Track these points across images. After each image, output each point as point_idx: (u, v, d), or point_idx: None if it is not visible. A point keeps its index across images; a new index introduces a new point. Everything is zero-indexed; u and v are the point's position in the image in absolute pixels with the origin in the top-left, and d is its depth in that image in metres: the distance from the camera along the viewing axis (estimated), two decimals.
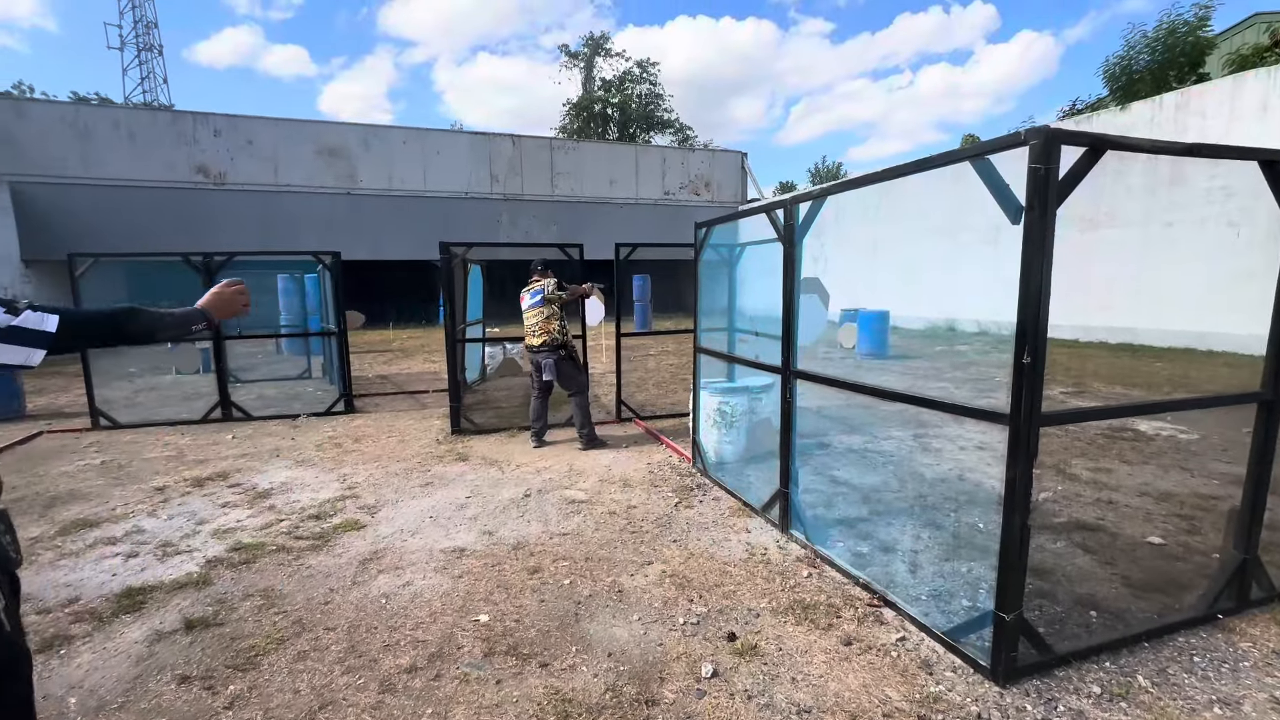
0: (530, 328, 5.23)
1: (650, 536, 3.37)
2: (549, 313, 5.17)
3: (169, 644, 2.40)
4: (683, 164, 24.05)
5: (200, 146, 17.84)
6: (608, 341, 11.75)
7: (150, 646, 2.38)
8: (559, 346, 5.16)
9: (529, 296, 5.31)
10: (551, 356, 5.13)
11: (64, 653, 2.35)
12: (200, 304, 1.56)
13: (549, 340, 5.13)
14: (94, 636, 2.46)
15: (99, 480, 4.48)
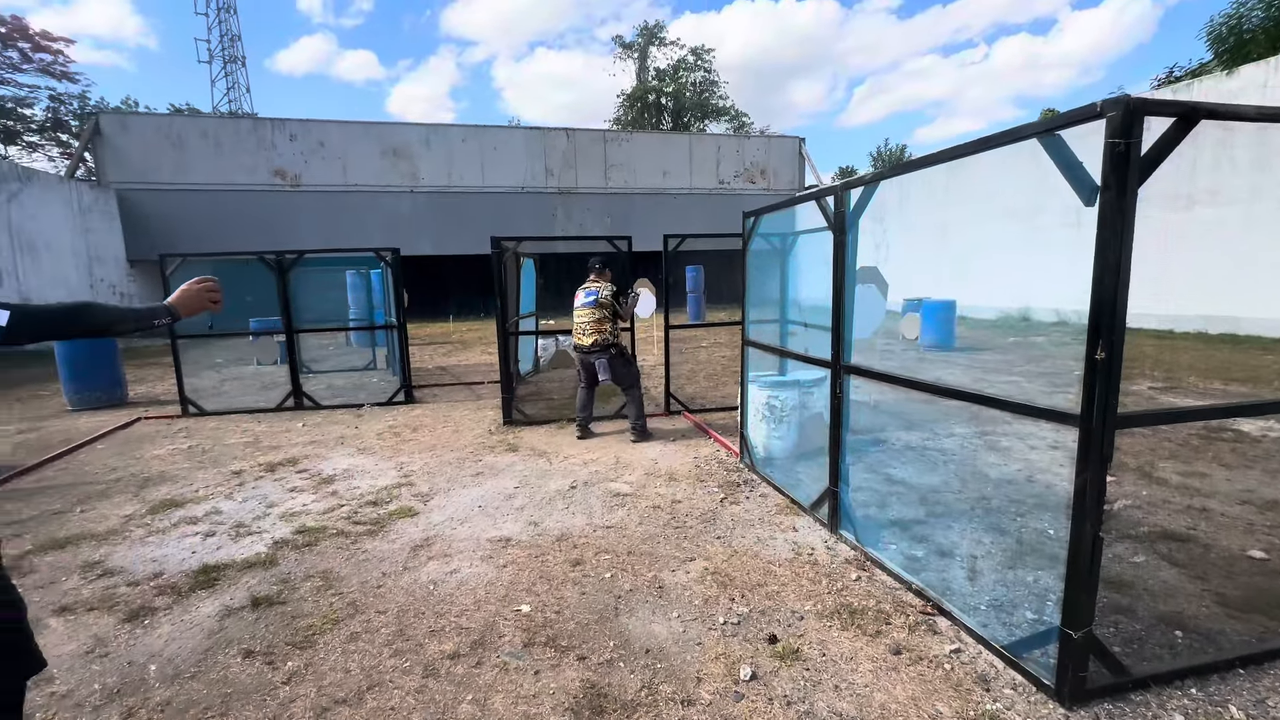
0: (581, 326, 5.28)
1: (694, 532, 3.33)
2: (601, 315, 5.21)
3: (237, 620, 2.57)
4: (738, 151, 23.59)
5: (277, 151, 18.96)
6: (658, 333, 11.72)
7: (220, 621, 2.56)
8: (609, 346, 5.20)
9: (583, 295, 5.35)
10: (604, 356, 5.19)
11: (147, 623, 2.55)
12: (169, 300, 1.60)
13: (600, 340, 5.18)
14: (173, 609, 2.66)
15: (185, 464, 4.85)
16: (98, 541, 3.37)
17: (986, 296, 14.18)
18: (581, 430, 5.41)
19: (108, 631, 2.50)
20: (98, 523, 3.65)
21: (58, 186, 15.69)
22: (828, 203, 3.12)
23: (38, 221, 14.77)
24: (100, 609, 2.67)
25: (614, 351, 5.24)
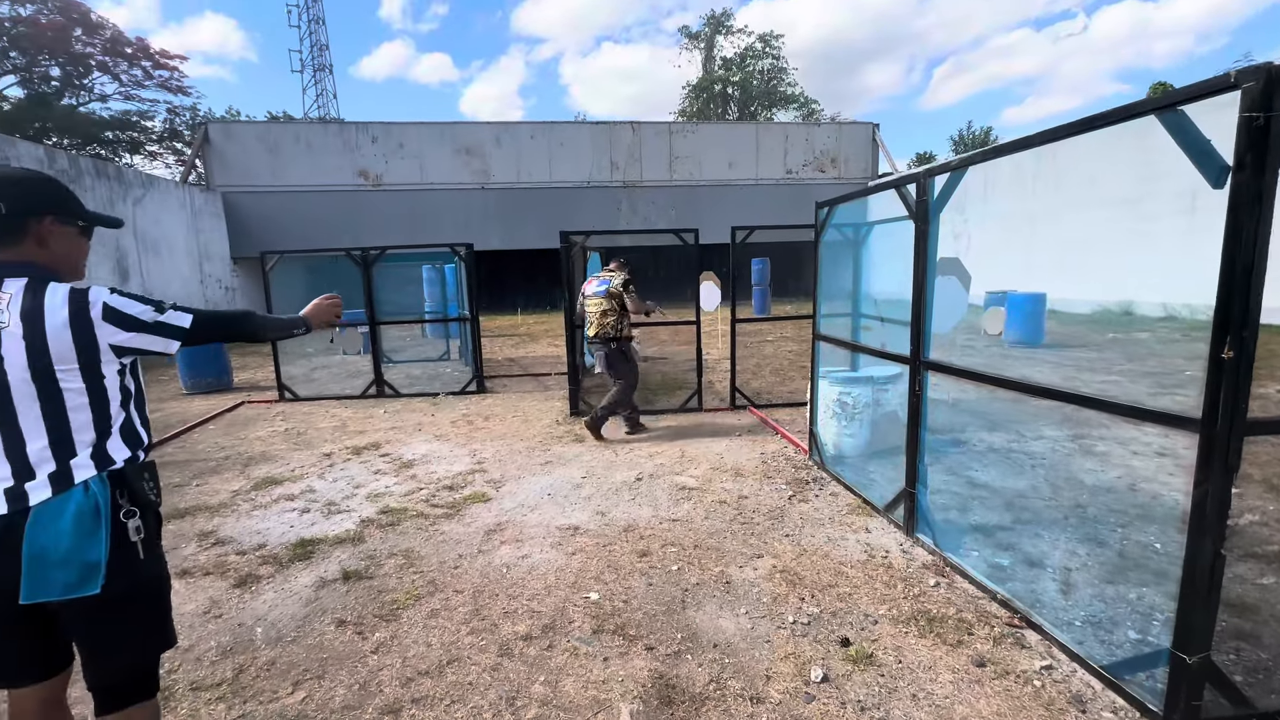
0: (588, 316, 5.24)
1: (761, 529, 3.29)
2: (608, 306, 5.12)
3: (330, 590, 2.76)
4: (806, 140, 22.90)
5: (361, 152, 20.10)
6: (723, 327, 11.60)
7: (316, 591, 2.76)
8: (610, 340, 5.13)
9: (595, 283, 5.26)
10: (603, 349, 5.13)
11: (254, 590, 2.80)
12: (303, 313, 1.82)
13: (601, 333, 5.12)
14: (275, 578, 2.90)
15: (283, 445, 5.26)
16: (211, 513, 3.72)
17: (1081, 289, 13.12)
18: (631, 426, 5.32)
19: (220, 595, 2.75)
20: (210, 496, 4.03)
21: (174, 191, 17.30)
22: (909, 191, 2.97)
23: (159, 224, 16.36)
24: (214, 574, 2.95)
25: (614, 346, 5.15)
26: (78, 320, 1.34)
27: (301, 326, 1.78)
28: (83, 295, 1.37)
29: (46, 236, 1.40)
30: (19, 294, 1.31)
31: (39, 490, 1.30)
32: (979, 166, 2.65)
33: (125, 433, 1.45)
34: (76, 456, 1.35)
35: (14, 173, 1.39)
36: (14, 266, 1.33)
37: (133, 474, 1.43)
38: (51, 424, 1.32)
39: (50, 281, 1.35)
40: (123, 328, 1.40)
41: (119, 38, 24.81)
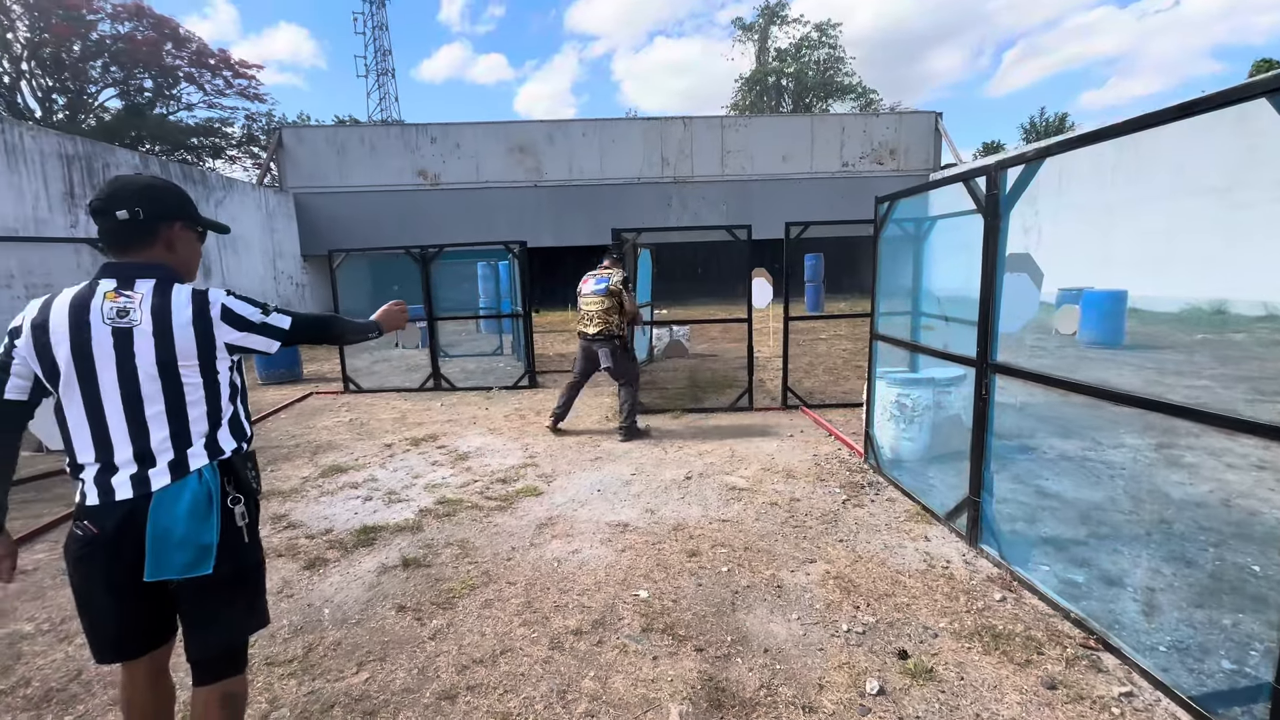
0: (588, 314, 5.16)
1: (814, 533, 3.21)
2: (609, 304, 5.06)
3: (391, 576, 2.88)
4: (864, 131, 22.16)
5: (420, 153, 20.81)
6: (775, 324, 11.40)
7: (378, 577, 2.89)
8: (613, 337, 5.08)
9: (593, 282, 5.19)
10: (607, 346, 5.07)
11: (321, 572, 2.95)
12: (374, 317, 1.92)
13: (605, 330, 5.05)
14: (341, 562, 3.05)
15: (347, 435, 5.52)
16: (283, 498, 3.95)
17: (1166, 286, 12.16)
18: (555, 421, 5.26)
19: (292, 576, 2.92)
20: (283, 482, 4.27)
21: (251, 192, 18.40)
22: (978, 184, 2.82)
23: (237, 223, 17.43)
24: (286, 556, 3.12)
25: (617, 343, 5.11)
26: (200, 320, 1.45)
27: (374, 330, 1.89)
28: (203, 296, 1.48)
29: (175, 241, 1.52)
30: (149, 294, 1.42)
31: (160, 477, 1.41)
32: (1057, 157, 2.49)
33: (233, 425, 1.56)
34: (192, 446, 1.46)
35: (150, 181, 1.50)
36: (144, 268, 1.45)
37: (239, 463, 1.54)
38: (173, 416, 1.44)
39: (175, 283, 1.46)
40: (236, 327, 1.51)
41: (203, 50, 26.56)
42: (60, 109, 25.75)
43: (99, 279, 1.42)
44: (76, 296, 1.40)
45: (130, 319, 1.40)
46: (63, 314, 1.38)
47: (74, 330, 1.37)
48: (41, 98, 24.88)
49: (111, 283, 1.42)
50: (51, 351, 1.37)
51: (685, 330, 9.83)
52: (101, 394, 1.39)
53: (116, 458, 1.40)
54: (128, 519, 1.38)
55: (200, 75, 26.84)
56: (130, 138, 26.04)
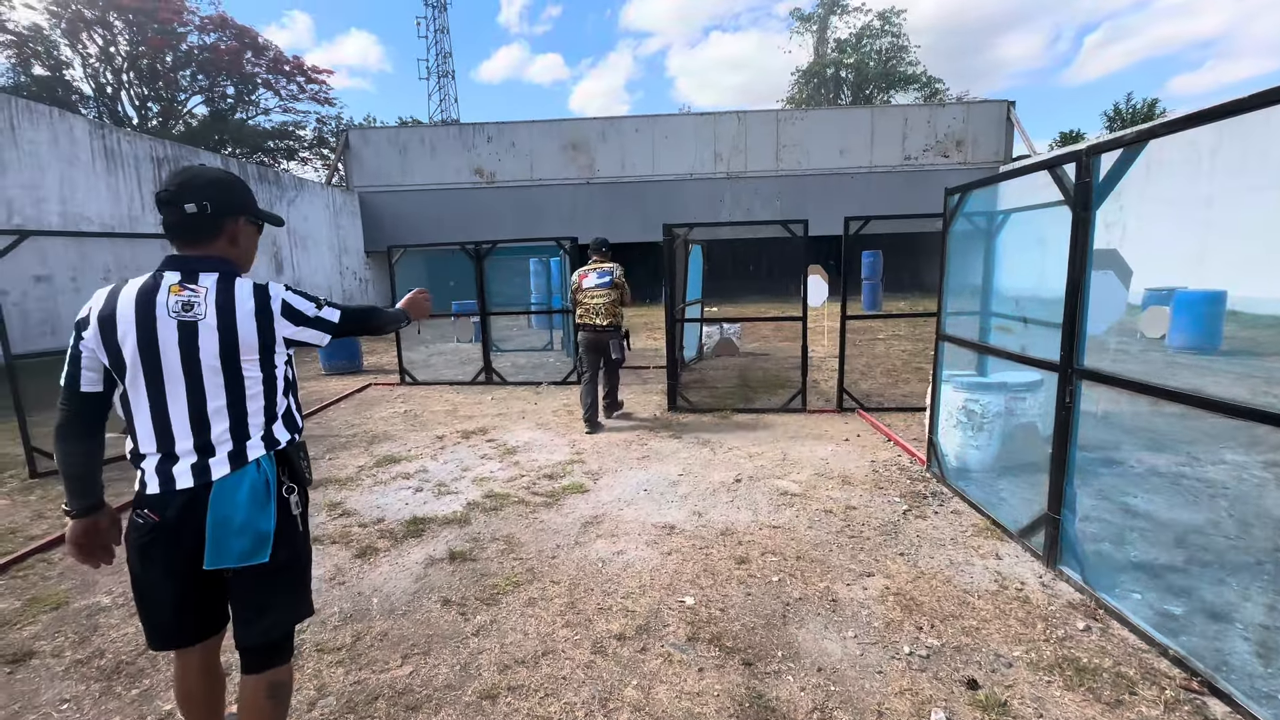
0: (594, 308, 5.23)
1: (872, 544, 3.03)
2: (614, 296, 5.21)
3: (438, 569, 2.90)
4: (928, 122, 21.18)
5: (477, 151, 21.31)
6: (829, 323, 11.03)
7: (425, 569, 2.91)
8: (618, 328, 5.26)
9: (594, 276, 5.25)
10: (615, 337, 5.22)
11: (372, 561, 3.00)
12: (402, 305, 1.96)
13: (614, 322, 5.21)
14: (391, 552, 3.09)
15: (402, 426, 5.66)
16: (339, 486, 4.07)
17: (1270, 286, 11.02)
18: (592, 426, 5.21)
19: (344, 563, 2.98)
20: (340, 470, 4.41)
21: (320, 192, 19.30)
22: (1066, 172, 2.57)
23: (306, 221, 18.33)
24: (340, 543, 3.20)
25: (623, 332, 5.30)
26: (262, 314, 1.47)
27: (404, 318, 1.93)
28: (264, 291, 1.50)
29: (238, 234, 1.54)
30: (213, 288, 1.44)
31: (219, 467, 1.43)
32: (1162, 140, 2.22)
33: (287, 417, 1.57)
34: (250, 438, 1.47)
35: (216, 174, 1.51)
36: (208, 261, 1.46)
37: (293, 454, 1.56)
38: (233, 408, 1.45)
39: (236, 276, 1.48)
40: (294, 322, 1.53)
41: (279, 57, 28.07)
42: (154, 116, 27.78)
43: (163, 271, 1.44)
44: (142, 290, 1.41)
45: (195, 313, 1.42)
46: (129, 307, 1.40)
47: (141, 324, 1.39)
48: (138, 106, 26.91)
49: (176, 276, 1.43)
50: (118, 344, 1.39)
51: (736, 328, 9.63)
52: (166, 386, 1.41)
53: (178, 448, 1.42)
54: (188, 507, 1.40)
55: (276, 81, 28.39)
56: (214, 141, 27.81)
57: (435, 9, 41.16)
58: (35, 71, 24.95)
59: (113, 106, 26.20)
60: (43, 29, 24.00)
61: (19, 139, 10.45)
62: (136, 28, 24.67)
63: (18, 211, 10.36)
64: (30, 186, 10.62)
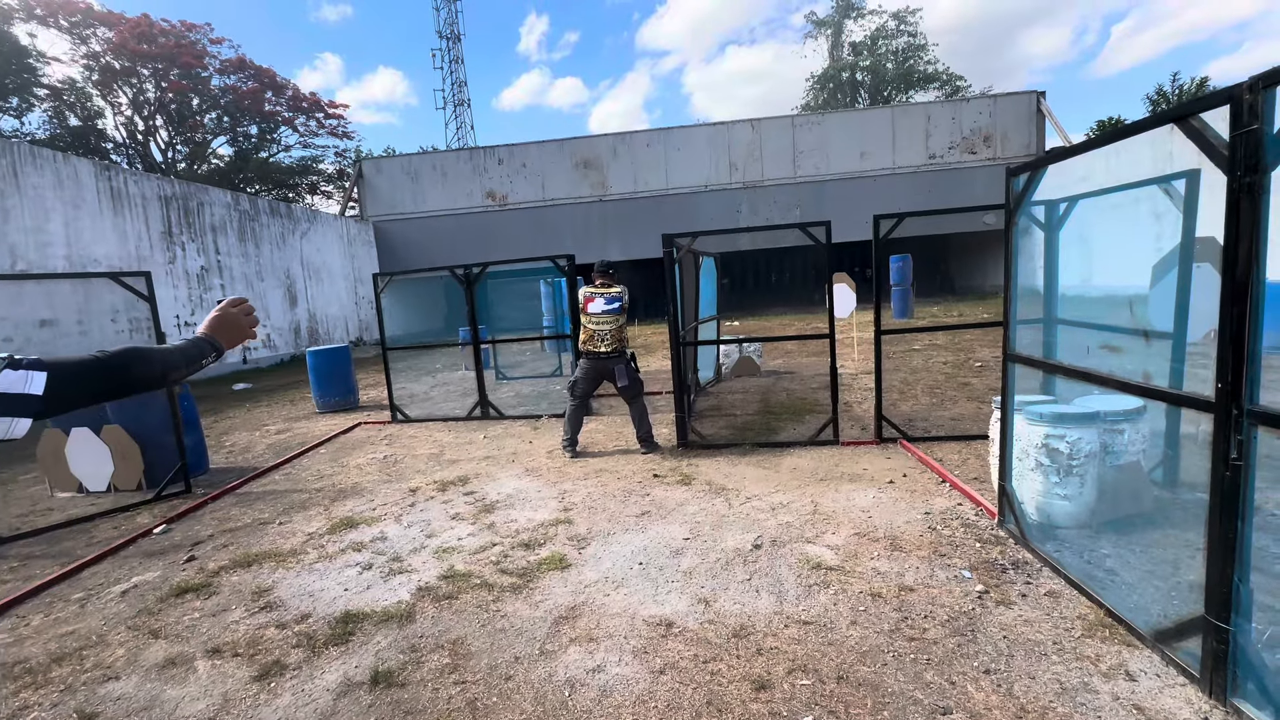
0: (600, 334, 5.01)
1: (942, 654, 2.20)
2: (621, 322, 5.03)
3: (352, 702, 2.17)
4: (953, 119, 20.19)
5: (489, 175, 21.05)
6: (859, 334, 10.14)
7: (335, 701, 2.18)
8: (623, 353, 5.07)
9: (601, 301, 5.03)
10: (620, 363, 5.02)
11: (272, 687, 2.29)
12: (203, 331, 1.25)
13: (619, 347, 5.03)
14: (301, 670, 2.38)
15: (375, 476, 5.01)
16: (276, 563, 3.39)
17: None
18: (573, 450, 5.14)
19: (234, 691, 2.27)
20: (285, 539, 3.74)
21: (333, 223, 19.21)
22: (1207, 123, 1.77)
23: (321, 252, 18.20)
24: (243, 656, 2.50)
25: (629, 356, 5.11)
26: None
27: (210, 353, 1.23)
28: None
29: None
30: None
31: None
32: None
33: None
34: None
35: None
36: None
37: None
38: None
39: None
40: None
41: (297, 94, 28.57)
42: (182, 158, 28.50)
43: None
44: None
45: None
46: None
47: None
48: (164, 149, 27.61)
49: None
50: None
51: (757, 345, 8.81)
52: None
53: None
54: None
55: (295, 118, 28.88)
56: (239, 180, 28.34)
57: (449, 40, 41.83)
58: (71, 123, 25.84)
59: (144, 151, 26.92)
60: (76, 81, 24.87)
61: (22, 184, 10.35)
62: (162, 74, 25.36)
63: (21, 256, 10.22)
64: (34, 230, 10.49)
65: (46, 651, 2.64)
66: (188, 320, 13.05)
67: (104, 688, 2.36)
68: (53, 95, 24.54)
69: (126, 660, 2.53)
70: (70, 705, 2.26)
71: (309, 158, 31.37)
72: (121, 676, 2.42)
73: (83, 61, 24.33)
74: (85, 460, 4.99)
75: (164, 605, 2.98)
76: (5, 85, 22.67)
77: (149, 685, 2.35)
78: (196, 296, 13.48)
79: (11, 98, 23.39)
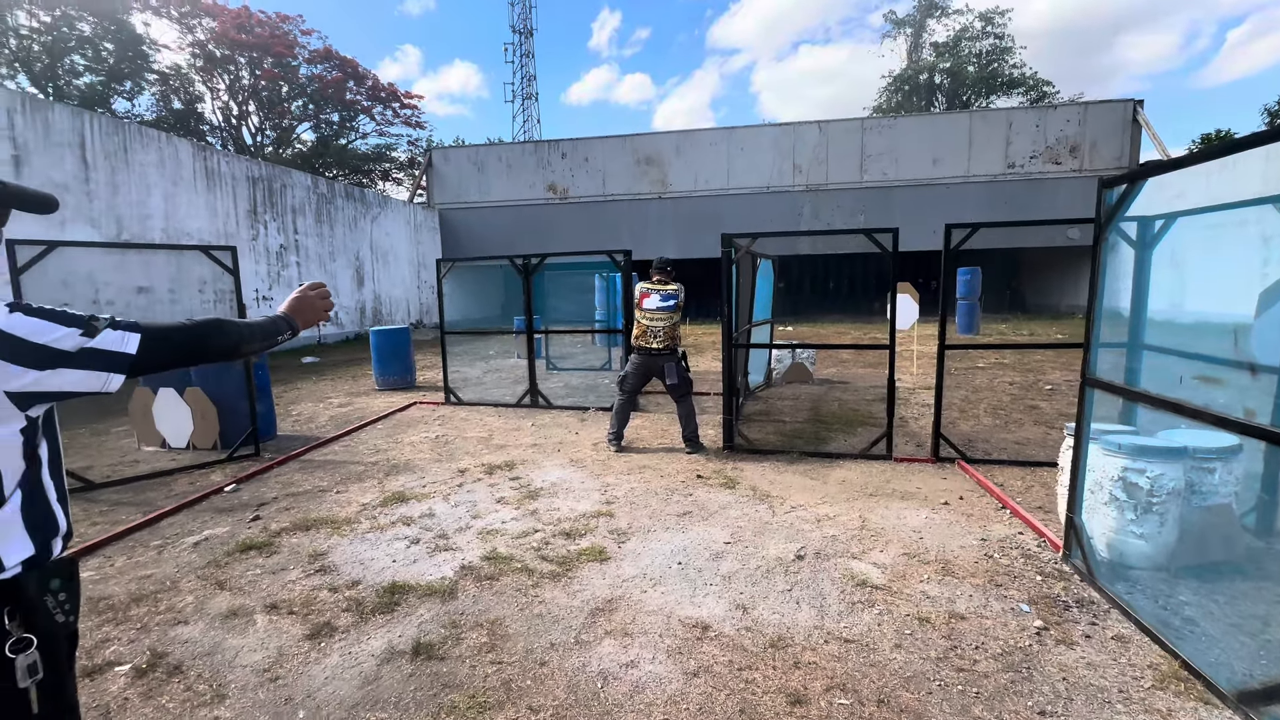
0: (653, 330, 5.02)
1: (993, 689, 2.09)
2: (675, 319, 5.04)
3: (393, 670, 2.25)
4: (1037, 126, 19.09)
5: (552, 168, 21.40)
6: (918, 348, 9.76)
7: (380, 666, 2.27)
8: (675, 351, 5.08)
9: (657, 298, 5.06)
10: (671, 360, 5.04)
11: (322, 648, 2.41)
12: (284, 310, 1.33)
13: (670, 345, 5.04)
14: (349, 634, 2.49)
15: (427, 454, 5.18)
16: (332, 529, 3.56)
17: None
18: (618, 444, 5.18)
19: (289, 648, 2.40)
20: (341, 508, 3.93)
21: (402, 209, 20.00)
22: None
23: (389, 236, 18.98)
24: (297, 614, 2.64)
25: (680, 355, 5.13)
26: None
27: (286, 330, 1.30)
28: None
29: None
30: None
31: None
32: None
33: (30, 520, 0.96)
34: None
35: None
36: None
37: (33, 583, 0.94)
38: None
39: None
40: (29, 364, 0.91)
41: (377, 84, 29.87)
42: (270, 142, 30.31)
43: None
44: None
45: None
46: None
47: None
48: (254, 132, 29.44)
49: None
50: None
51: (811, 352, 8.61)
52: None
53: None
54: None
55: (372, 107, 30.21)
56: (319, 164, 29.90)
57: (521, 35, 42.69)
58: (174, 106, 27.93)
59: (236, 134, 28.80)
60: (181, 68, 26.85)
61: (130, 161, 11.24)
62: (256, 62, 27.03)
63: (125, 228, 11.10)
64: (138, 204, 11.37)
65: (127, 591, 2.87)
66: (265, 294, 13.87)
67: (174, 630, 2.54)
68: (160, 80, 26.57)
69: (195, 607, 2.72)
70: (144, 643, 2.45)
71: (383, 145, 32.78)
72: (189, 622, 2.60)
73: (188, 49, 26.24)
74: (169, 418, 5.39)
75: (230, 559, 3.18)
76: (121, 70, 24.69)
77: (213, 633, 2.52)
78: (274, 273, 14.30)
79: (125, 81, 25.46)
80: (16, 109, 9.15)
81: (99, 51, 24.07)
